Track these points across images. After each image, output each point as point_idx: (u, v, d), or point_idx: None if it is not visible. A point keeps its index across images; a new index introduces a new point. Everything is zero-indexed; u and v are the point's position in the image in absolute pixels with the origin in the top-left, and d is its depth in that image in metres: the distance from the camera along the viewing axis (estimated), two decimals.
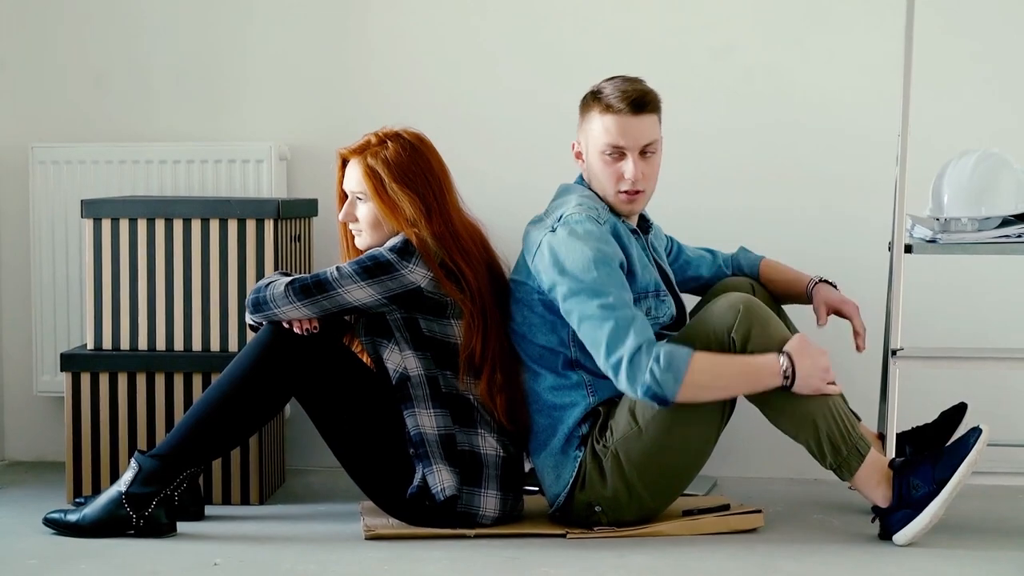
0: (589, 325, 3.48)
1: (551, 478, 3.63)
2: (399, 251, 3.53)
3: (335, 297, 3.53)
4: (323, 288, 3.53)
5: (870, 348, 3.87)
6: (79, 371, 3.96)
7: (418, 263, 3.53)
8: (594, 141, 3.64)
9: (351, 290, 3.52)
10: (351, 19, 4.45)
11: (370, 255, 3.55)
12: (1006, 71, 4.25)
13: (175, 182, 4.37)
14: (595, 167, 3.65)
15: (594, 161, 3.65)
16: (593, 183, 3.68)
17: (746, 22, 4.35)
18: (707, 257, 3.95)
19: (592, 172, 3.67)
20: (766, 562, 3.38)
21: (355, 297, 3.53)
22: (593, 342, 3.48)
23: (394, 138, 3.63)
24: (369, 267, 3.53)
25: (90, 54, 4.50)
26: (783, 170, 4.32)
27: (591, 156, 3.66)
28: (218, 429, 3.56)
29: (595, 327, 3.47)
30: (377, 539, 3.55)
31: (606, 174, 3.64)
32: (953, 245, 3.77)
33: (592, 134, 3.65)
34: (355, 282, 3.52)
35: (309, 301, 3.53)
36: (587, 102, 3.67)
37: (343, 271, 3.53)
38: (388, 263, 3.52)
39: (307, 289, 3.53)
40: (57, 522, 3.58)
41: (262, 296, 3.55)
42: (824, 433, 3.46)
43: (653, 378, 3.41)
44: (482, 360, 3.58)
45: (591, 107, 3.65)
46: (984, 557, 3.42)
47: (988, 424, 3.49)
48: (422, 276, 3.53)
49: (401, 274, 3.52)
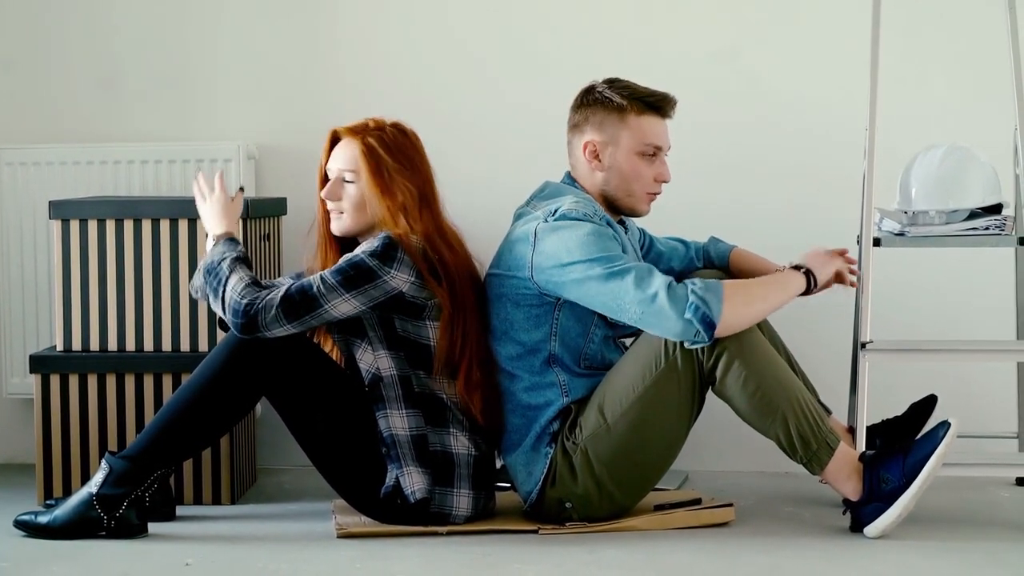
0: (607, 287, 3.46)
1: (523, 475, 3.63)
2: (380, 255, 3.50)
3: (322, 315, 3.50)
4: (310, 306, 3.48)
5: (839, 341, 3.89)
6: (48, 373, 3.94)
7: (400, 266, 3.50)
8: (630, 141, 3.64)
9: (337, 304, 3.50)
10: (320, 17, 4.45)
11: (350, 261, 3.51)
12: (972, 65, 4.27)
13: (143, 182, 4.36)
14: (626, 167, 3.65)
15: (626, 161, 3.65)
16: (614, 183, 3.67)
17: (717, 21, 4.35)
18: (679, 248, 3.95)
19: (619, 172, 3.66)
20: (737, 556, 3.38)
21: (341, 311, 3.51)
22: (615, 298, 3.45)
23: (392, 126, 3.63)
24: (351, 276, 3.49)
25: (57, 56, 4.49)
26: (751, 164, 4.33)
27: (621, 156, 3.65)
28: (189, 430, 3.55)
29: (614, 285, 3.45)
30: (349, 537, 3.55)
31: (639, 174, 3.66)
32: (921, 238, 3.79)
33: (626, 134, 3.64)
34: (339, 295, 3.48)
35: (297, 322, 3.49)
36: (614, 103, 3.65)
37: (328, 284, 3.48)
38: (370, 270, 3.50)
39: (295, 308, 3.47)
40: (28, 524, 3.57)
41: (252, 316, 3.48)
42: (794, 427, 3.47)
43: (698, 297, 3.39)
44: (460, 357, 3.57)
45: (626, 108, 3.64)
46: (955, 548, 3.43)
47: (957, 416, 3.50)
48: (404, 280, 3.51)
49: (384, 280, 3.50)
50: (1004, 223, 3.77)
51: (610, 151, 3.66)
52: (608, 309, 3.50)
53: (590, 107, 3.68)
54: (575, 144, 3.72)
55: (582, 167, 3.71)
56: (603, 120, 3.67)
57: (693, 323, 3.40)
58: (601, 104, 3.67)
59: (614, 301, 3.47)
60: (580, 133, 3.70)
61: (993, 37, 3.92)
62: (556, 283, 3.53)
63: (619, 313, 3.48)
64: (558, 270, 3.52)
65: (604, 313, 3.53)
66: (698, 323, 3.40)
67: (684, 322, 3.41)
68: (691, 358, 3.49)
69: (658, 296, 3.41)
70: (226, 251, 3.58)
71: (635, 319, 3.46)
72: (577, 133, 3.71)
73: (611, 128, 3.66)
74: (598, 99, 3.67)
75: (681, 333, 3.42)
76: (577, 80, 3.74)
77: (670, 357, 3.49)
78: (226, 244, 3.61)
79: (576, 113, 3.71)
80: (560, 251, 3.52)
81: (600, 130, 3.67)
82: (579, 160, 3.71)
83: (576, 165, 3.73)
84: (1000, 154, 3.92)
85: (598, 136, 3.67)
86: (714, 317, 3.40)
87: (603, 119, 3.67)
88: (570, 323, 3.60)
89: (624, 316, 3.48)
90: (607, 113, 3.67)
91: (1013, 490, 4.05)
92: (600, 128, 3.67)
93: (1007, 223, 3.78)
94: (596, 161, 3.68)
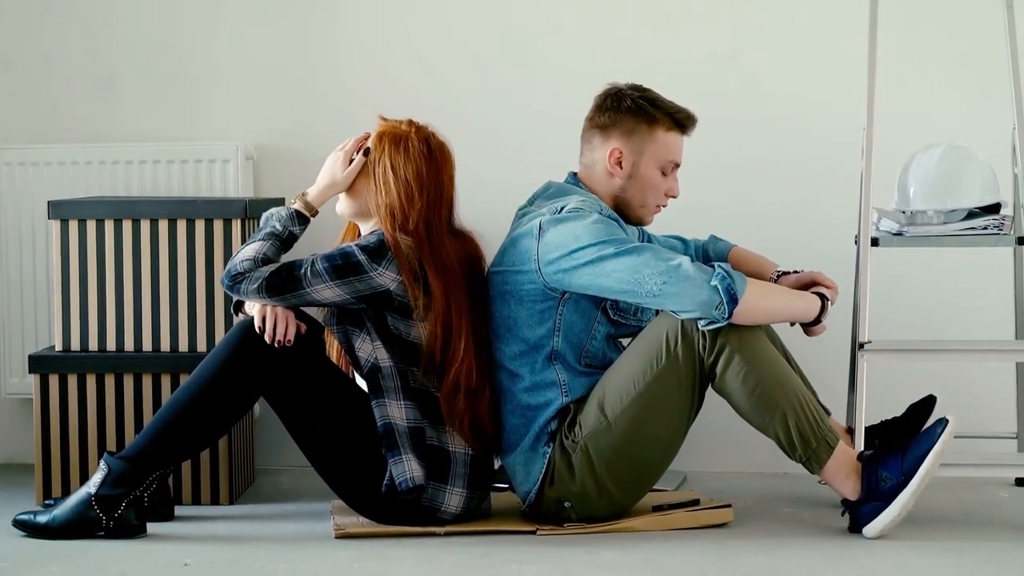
0: (624, 261, 3.46)
1: (522, 475, 3.63)
2: (371, 252, 3.52)
3: (303, 295, 3.52)
4: (293, 286, 3.51)
5: (838, 342, 3.89)
6: (47, 373, 3.94)
7: (389, 265, 3.51)
8: (655, 155, 3.66)
9: (319, 289, 3.52)
10: (319, 18, 4.45)
11: (343, 252, 3.53)
12: (970, 64, 4.26)
13: (142, 183, 4.36)
14: (647, 178, 3.66)
15: (648, 173, 3.66)
16: (630, 191, 3.68)
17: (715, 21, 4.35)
18: (678, 246, 3.93)
19: (639, 181, 3.67)
20: (736, 556, 3.38)
21: (323, 296, 3.53)
22: (635, 271, 3.45)
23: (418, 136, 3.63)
24: (340, 266, 3.51)
25: (56, 56, 4.49)
26: (749, 163, 4.32)
27: (645, 168, 3.66)
28: (187, 430, 3.55)
29: (632, 260, 3.45)
30: (347, 538, 3.55)
31: (657, 188, 3.68)
32: (919, 238, 3.79)
33: (653, 147, 3.66)
34: (323, 282, 3.51)
35: (279, 298, 3.52)
36: (647, 114, 3.65)
37: (316, 269, 3.51)
38: (358, 264, 3.51)
39: (278, 285, 3.52)
40: (27, 524, 3.57)
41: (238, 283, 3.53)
42: (793, 425, 3.47)
43: (724, 271, 3.42)
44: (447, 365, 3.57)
45: (656, 121, 3.65)
46: (953, 548, 3.43)
47: (956, 416, 3.50)
48: (391, 279, 3.52)
49: (370, 276, 3.51)
50: (1002, 223, 3.77)
51: (633, 161, 3.67)
52: (624, 285, 3.47)
53: (620, 113, 3.67)
54: (597, 146, 3.70)
55: (599, 169, 3.70)
56: (632, 129, 3.66)
57: (719, 292, 3.40)
58: (632, 113, 3.67)
59: (632, 275, 3.46)
60: (606, 138, 3.68)
61: (991, 36, 3.91)
62: (564, 271, 3.52)
63: (636, 287, 3.46)
64: (566, 258, 3.51)
65: (616, 294, 3.51)
66: (723, 293, 3.40)
67: (711, 289, 3.41)
68: (692, 354, 3.49)
69: (682, 265, 3.43)
70: (280, 220, 3.62)
71: (655, 291, 3.45)
72: (601, 136, 3.69)
73: (639, 139, 3.66)
74: (630, 108, 3.67)
75: (705, 302, 3.41)
76: (577, 80, 3.75)
77: (671, 353, 3.49)
78: (290, 215, 3.64)
79: (602, 115, 3.69)
80: (568, 239, 3.51)
81: (628, 139, 3.67)
82: (597, 162, 3.70)
83: (592, 166, 3.71)
84: (998, 153, 3.92)
85: (625, 144, 3.67)
86: (739, 292, 3.41)
87: (632, 128, 3.66)
88: (574, 318, 3.59)
89: (642, 289, 3.46)
90: (636, 123, 3.66)
91: (1012, 490, 4.05)
92: (628, 137, 3.67)
93: (1005, 223, 3.77)
94: (618, 168, 3.68)
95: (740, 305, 3.41)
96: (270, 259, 3.55)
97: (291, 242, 3.64)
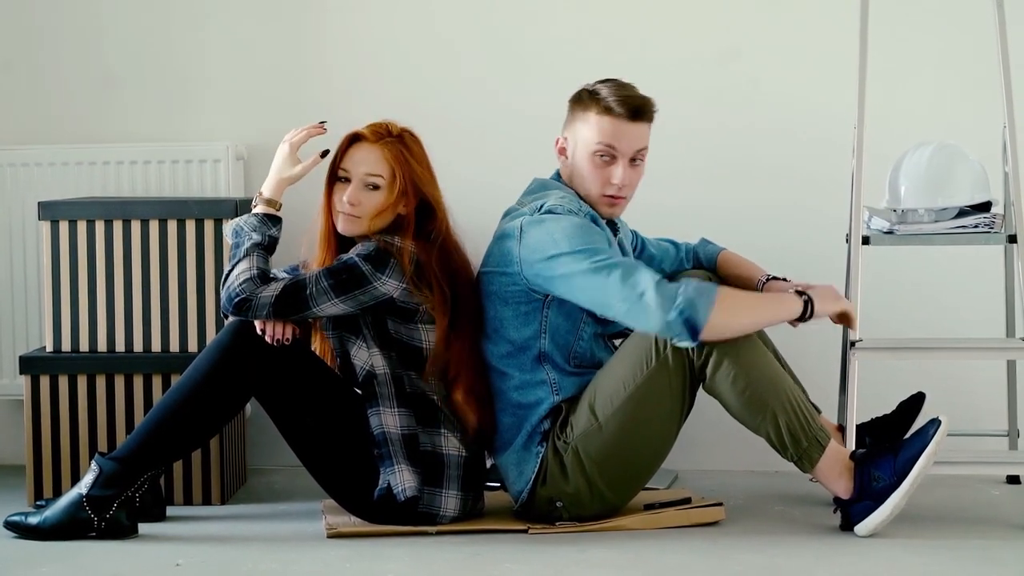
0: (594, 281, 3.45)
1: (514, 474, 3.63)
2: (373, 260, 3.50)
3: (310, 315, 3.53)
4: (299, 308, 3.50)
5: (829, 340, 3.89)
6: (38, 374, 3.94)
7: (392, 272, 3.50)
8: (586, 141, 3.63)
9: (325, 308, 3.51)
10: (308, 18, 4.45)
11: (344, 264, 3.51)
12: (961, 63, 4.27)
13: (132, 183, 4.35)
14: (582, 166, 3.64)
15: (582, 160, 3.64)
16: (575, 180, 3.67)
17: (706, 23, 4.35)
18: (670, 250, 3.94)
19: (577, 170, 3.65)
20: (728, 555, 3.39)
21: (328, 312, 3.53)
22: (602, 293, 3.44)
23: (410, 135, 3.62)
24: (344, 280, 3.49)
25: (47, 57, 4.48)
26: (740, 164, 4.32)
27: (579, 155, 3.64)
28: (178, 431, 3.55)
29: (601, 280, 3.44)
30: (339, 537, 3.55)
31: (594, 176, 3.63)
32: (910, 236, 3.80)
33: (585, 133, 3.63)
34: (329, 299, 3.49)
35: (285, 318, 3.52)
36: (582, 100, 3.65)
37: (321, 287, 3.49)
38: (362, 275, 3.49)
39: (286, 309, 3.50)
40: (18, 525, 3.56)
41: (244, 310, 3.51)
42: (784, 425, 3.47)
43: (687, 300, 3.37)
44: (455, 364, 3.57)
45: (588, 106, 3.63)
46: (945, 546, 3.44)
47: (947, 414, 3.51)
48: (394, 287, 3.51)
49: (373, 286, 3.50)
50: (993, 221, 3.77)
51: (572, 149, 3.67)
52: (595, 304, 3.50)
53: (570, 103, 3.69)
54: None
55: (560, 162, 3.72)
56: (572, 118, 3.69)
57: (676, 324, 3.39)
58: (574, 101, 3.69)
59: (601, 296, 3.47)
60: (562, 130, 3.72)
61: (981, 35, 3.92)
62: (545, 277, 3.53)
63: (605, 308, 3.48)
64: (545, 264, 3.51)
65: (590, 308, 3.53)
66: (681, 325, 3.39)
67: (666, 323, 3.40)
68: (682, 356, 3.49)
69: (645, 294, 3.41)
70: (255, 229, 3.57)
71: (621, 315, 3.46)
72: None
73: (576, 126, 3.67)
74: (575, 96, 3.69)
75: (665, 331, 3.42)
76: (566, 81, 3.74)
77: (661, 355, 3.49)
78: (260, 220, 3.59)
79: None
80: (546, 243, 3.52)
81: (568, 127, 3.69)
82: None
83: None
84: (989, 152, 3.92)
85: (567, 132, 3.69)
86: (699, 322, 3.39)
87: (572, 117, 3.68)
88: (559, 320, 3.60)
89: (610, 312, 3.47)
90: (574, 111, 3.68)
91: (1003, 488, 4.05)
92: (569, 125, 3.69)
93: (996, 221, 3.78)
94: (563, 157, 3.70)
95: (704, 331, 3.39)
96: (264, 271, 3.53)
97: (274, 246, 3.61)
